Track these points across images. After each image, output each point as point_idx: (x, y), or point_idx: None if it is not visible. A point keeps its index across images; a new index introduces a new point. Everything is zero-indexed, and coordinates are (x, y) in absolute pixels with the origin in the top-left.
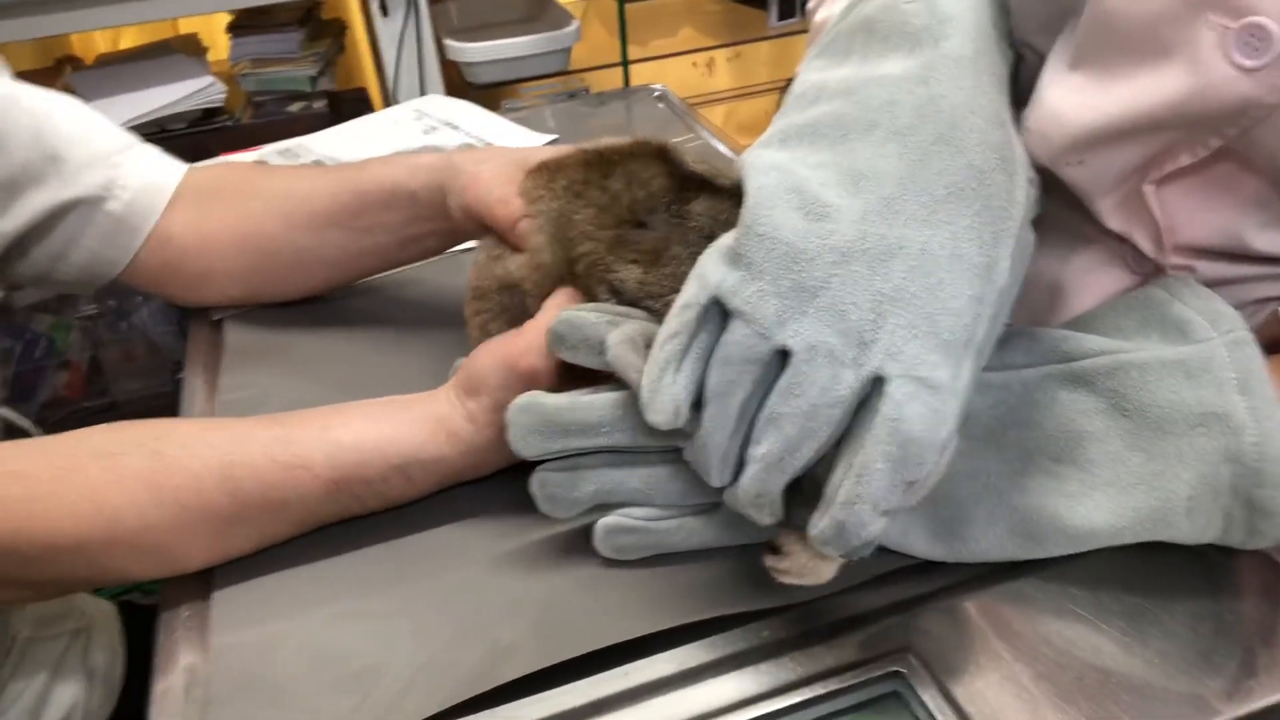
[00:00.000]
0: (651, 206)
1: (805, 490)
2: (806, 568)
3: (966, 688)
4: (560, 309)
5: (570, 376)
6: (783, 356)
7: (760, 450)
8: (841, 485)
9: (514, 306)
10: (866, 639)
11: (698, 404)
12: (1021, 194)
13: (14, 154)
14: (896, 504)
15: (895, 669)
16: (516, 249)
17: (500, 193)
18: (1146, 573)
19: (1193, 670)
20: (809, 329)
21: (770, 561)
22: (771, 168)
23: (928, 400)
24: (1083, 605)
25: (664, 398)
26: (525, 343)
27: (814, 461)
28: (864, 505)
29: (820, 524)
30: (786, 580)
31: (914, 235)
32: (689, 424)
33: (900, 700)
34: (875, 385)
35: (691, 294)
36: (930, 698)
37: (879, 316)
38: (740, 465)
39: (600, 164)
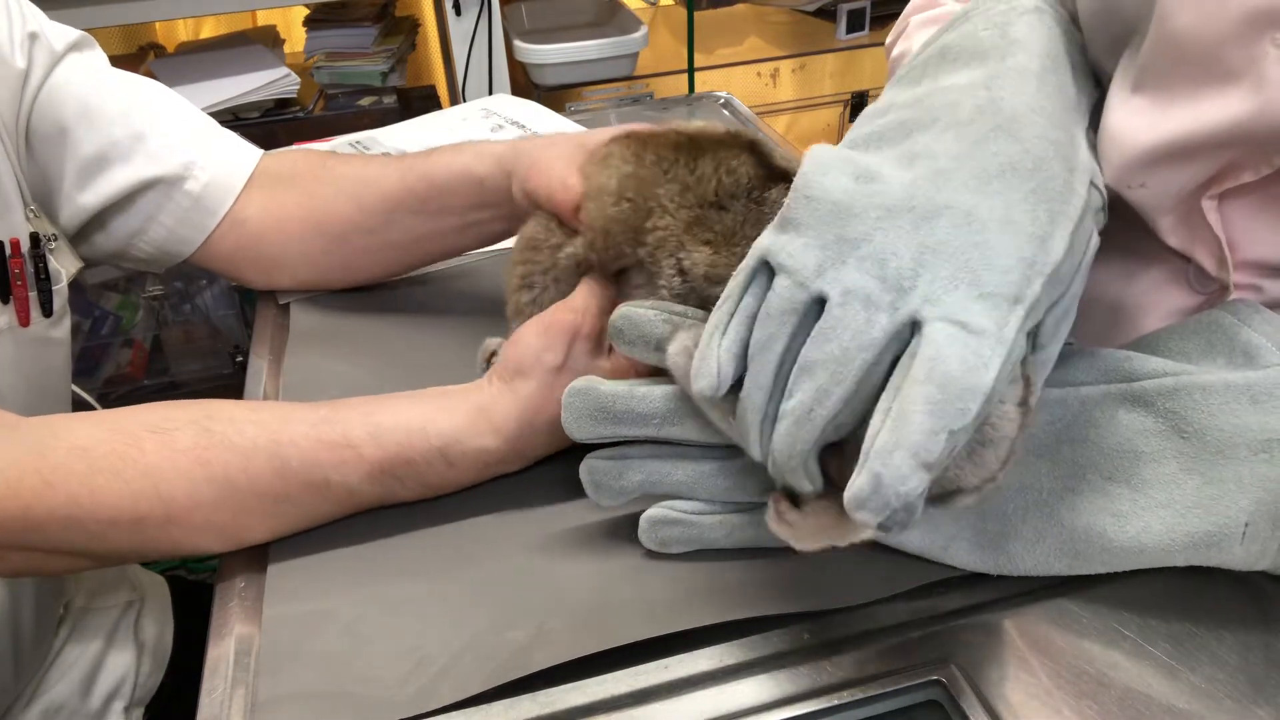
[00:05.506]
0: (734, 193)
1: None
2: (816, 529)
3: (1006, 701)
4: (590, 291)
5: None
6: (821, 306)
7: (790, 403)
8: (879, 434)
9: (561, 298)
10: (907, 647)
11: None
12: (1083, 189)
13: (104, 130)
14: (937, 458)
15: (935, 678)
16: (573, 232)
17: (561, 174)
18: (1195, 598)
19: (1242, 699)
20: (847, 276)
21: (783, 508)
22: (828, 150)
23: (967, 341)
24: (1129, 627)
25: (709, 361)
26: (566, 304)
27: (844, 413)
28: (902, 453)
29: (856, 481)
30: (785, 535)
31: (963, 199)
32: (732, 401)
33: (939, 709)
34: (915, 331)
35: (743, 262)
36: (970, 708)
37: (919, 266)
38: None
39: (691, 147)
